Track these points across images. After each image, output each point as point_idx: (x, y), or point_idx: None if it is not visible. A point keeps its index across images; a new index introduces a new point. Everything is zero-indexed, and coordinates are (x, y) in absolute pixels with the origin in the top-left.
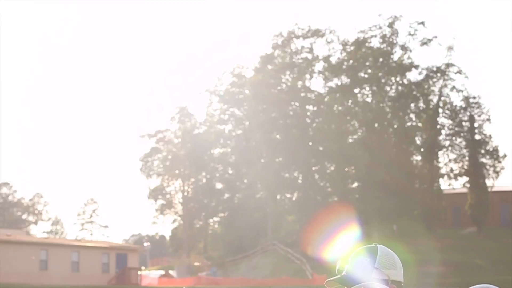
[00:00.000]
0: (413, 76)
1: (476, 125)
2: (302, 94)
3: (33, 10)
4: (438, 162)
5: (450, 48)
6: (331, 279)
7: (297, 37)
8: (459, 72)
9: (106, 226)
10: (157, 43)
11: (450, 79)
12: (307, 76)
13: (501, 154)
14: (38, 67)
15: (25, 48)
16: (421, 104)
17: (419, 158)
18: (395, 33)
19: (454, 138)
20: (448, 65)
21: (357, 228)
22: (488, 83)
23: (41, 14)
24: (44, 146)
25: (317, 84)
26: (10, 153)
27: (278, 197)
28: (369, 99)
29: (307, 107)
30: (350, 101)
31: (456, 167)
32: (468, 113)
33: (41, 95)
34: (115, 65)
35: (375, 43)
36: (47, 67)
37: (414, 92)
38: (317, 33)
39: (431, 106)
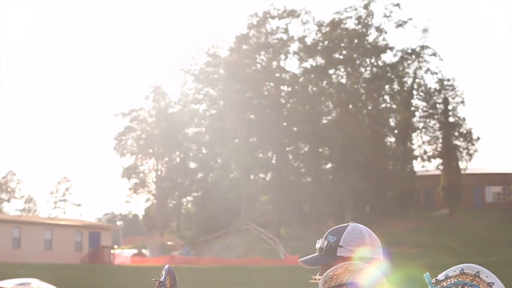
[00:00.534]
0: (388, 58)
1: (450, 107)
2: (277, 75)
3: None
4: (412, 144)
5: (425, 31)
6: (303, 258)
7: (273, 17)
8: (434, 54)
9: (79, 205)
10: (132, 22)
11: (425, 61)
12: (282, 56)
13: (474, 136)
14: (12, 47)
15: None
16: (396, 86)
17: (393, 139)
18: (370, 14)
19: (428, 120)
20: (423, 47)
21: (330, 208)
22: (462, 66)
23: None
24: (17, 124)
25: (292, 64)
26: None
27: (252, 177)
28: (343, 80)
29: (281, 87)
30: (325, 82)
31: (429, 149)
32: (442, 96)
33: (14, 73)
34: (89, 44)
35: (351, 24)
36: (21, 46)
37: (389, 74)
38: (292, 14)
39: (405, 88)
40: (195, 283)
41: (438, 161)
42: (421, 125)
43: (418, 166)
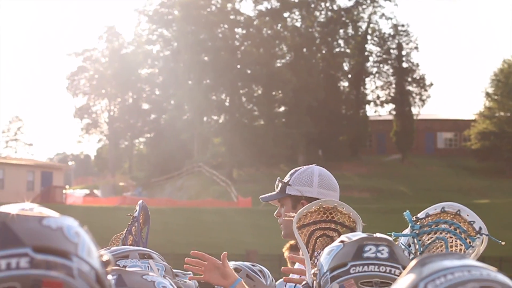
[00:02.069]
0: (343, 2)
1: (404, 53)
2: (232, 17)
3: None
4: (365, 88)
5: None
6: (262, 195)
7: None
8: None
9: (30, 144)
10: None
11: (380, 6)
12: None
13: (427, 82)
14: None
15: None
16: (350, 31)
17: (346, 84)
18: None
19: (381, 65)
20: None
21: (283, 151)
22: (417, 12)
23: None
24: None
25: (246, 7)
26: None
27: (205, 119)
28: (298, 24)
29: (236, 30)
30: (279, 25)
31: (382, 94)
32: (396, 41)
33: None
34: None
35: None
36: None
37: (344, 18)
38: None
39: (359, 33)
40: None
41: (391, 106)
42: (374, 70)
43: (370, 111)
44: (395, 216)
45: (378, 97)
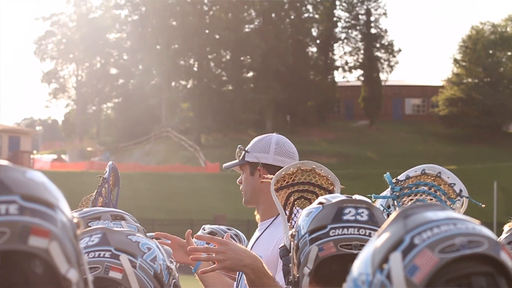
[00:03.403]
0: None
1: (372, 19)
2: None
3: None
4: (333, 54)
5: None
6: (226, 164)
7: None
8: None
9: None
10: None
11: None
12: None
13: (396, 48)
14: None
15: None
16: None
17: (314, 49)
18: None
19: (350, 31)
20: None
21: (251, 117)
22: None
23: None
24: None
25: None
26: None
27: (173, 84)
28: None
29: None
30: None
31: (351, 60)
32: (364, 7)
33: None
34: None
35: None
36: None
37: None
38: None
39: None
40: None
41: (359, 72)
42: (343, 36)
43: (339, 76)
44: (362, 182)
45: (347, 63)
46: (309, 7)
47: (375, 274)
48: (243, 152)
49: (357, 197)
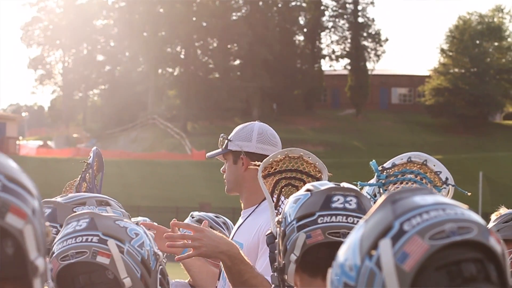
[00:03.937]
0: None
1: (359, 7)
2: None
3: None
4: (320, 43)
5: None
6: (209, 153)
7: None
8: None
9: None
10: None
11: None
12: None
13: (383, 38)
14: None
15: None
16: None
17: (302, 38)
18: None
19: (337, 19)
20: None
21: (238, 105)
22: None
23: None
24: None
25: None
26: None
27: (160, 71)
28: None
29: None
30: None
31: (338, 48)
32: None
33: None
34: None
35: None
36: None
37: None
38: None
39: None
40: None
41: (346, 61)
42: (330, 24)
43: (326, 65)
44: (349, 170)
45: (334, 51)
46: None
47: (363, 261)
48: (226, 141)
49: (345, 185)
